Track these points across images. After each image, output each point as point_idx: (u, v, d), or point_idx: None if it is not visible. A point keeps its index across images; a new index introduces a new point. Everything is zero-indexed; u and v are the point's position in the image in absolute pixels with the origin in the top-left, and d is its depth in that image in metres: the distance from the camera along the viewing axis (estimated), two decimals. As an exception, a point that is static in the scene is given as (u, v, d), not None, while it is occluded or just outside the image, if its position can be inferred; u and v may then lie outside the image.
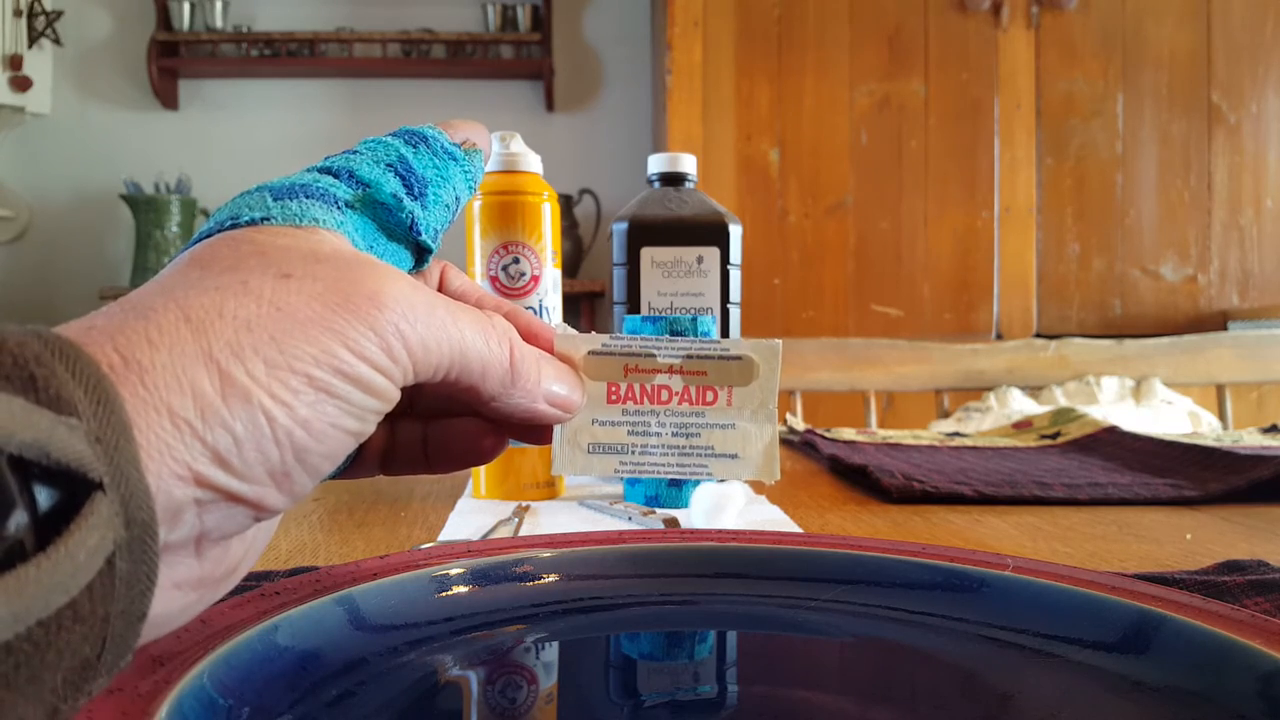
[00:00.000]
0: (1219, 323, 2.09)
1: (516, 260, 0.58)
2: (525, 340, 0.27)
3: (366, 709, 0.25)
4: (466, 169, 0.28)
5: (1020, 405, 1.25)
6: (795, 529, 0.52)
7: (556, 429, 0.29)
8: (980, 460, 0.76)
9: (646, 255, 0.67)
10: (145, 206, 2.56)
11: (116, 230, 2.78)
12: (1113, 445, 0.80)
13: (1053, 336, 1.63)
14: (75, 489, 0.15)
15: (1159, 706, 0.26)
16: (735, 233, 0.68)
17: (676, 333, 0.55)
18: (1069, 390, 1.30)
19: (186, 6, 2.70)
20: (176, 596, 0.20)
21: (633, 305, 0.67)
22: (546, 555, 0.35)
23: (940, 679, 0.30)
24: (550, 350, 0.29)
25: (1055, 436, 0.88)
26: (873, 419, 1.29)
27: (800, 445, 0.88)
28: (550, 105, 2.79)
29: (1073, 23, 2.10)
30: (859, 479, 0.68)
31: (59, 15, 2.67)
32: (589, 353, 0.29)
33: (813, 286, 2.12)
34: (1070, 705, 0.27)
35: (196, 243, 0.23)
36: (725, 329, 0.68)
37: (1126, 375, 1.31)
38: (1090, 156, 2.12)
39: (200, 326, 0.19)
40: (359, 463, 0.28)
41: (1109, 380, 1.29)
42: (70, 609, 0.14)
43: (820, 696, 0.29)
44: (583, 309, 2.64)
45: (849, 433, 0.94)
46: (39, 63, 2.67)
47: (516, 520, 0.51)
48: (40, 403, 0.15)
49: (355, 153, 0.27)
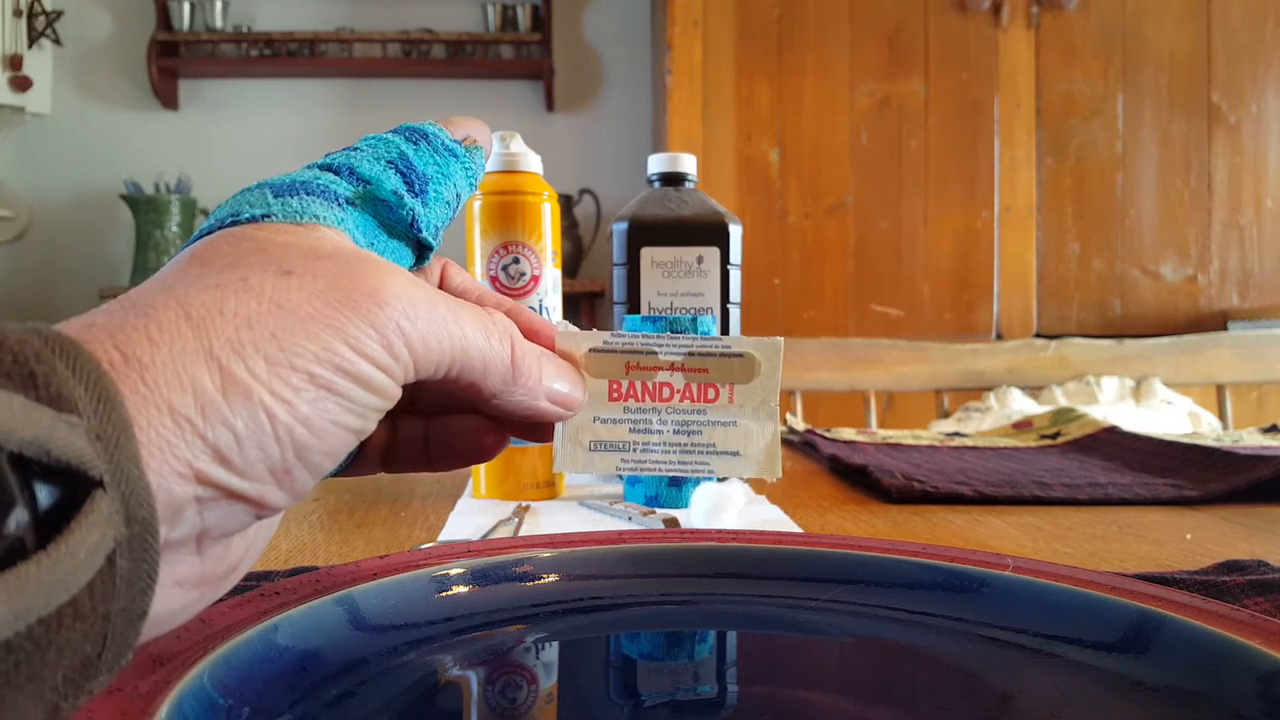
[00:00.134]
0: (1219, 323, 2.09)
1: (516, 260, 0.58)
2: (526, 337, 0.27)
3: (366, 709, 0.25)
4: (467, 166, 0.28)
5: (1020, 405, 1.25)
6: (795, 529, 0.52)
7: (558, 427, 0.29)
8: (980, 460, 0.76)
9: (646, 255, 0.67)
10: (145, 206, 2.56)
11: (116, 230, 2.79)
12: (1113, 445, 0.80)
13: (1053, 336, 1.63)
14: (76, 487, 0.15)
15: (1159, 706, 0.26)
16: (735, 233, 0.68)
17: (676, 332, 0.55)
18: (1069, 390, 1.30)
19: (186, 6, 2.70)
20: (177, 594, 0.20)
21: (633, 305, 0.67)
22: (546, 555, 0.35)
23: (940, 679, 0.30)
24: (552, 347, 0.29)
25: (1055, 436, 0.88)
26: (873, 419, 1.29)
27: (800, 445, 0.88)
28: (550, 105, 2.79)
29: (1073, 23, 2.10)
30: (859, 479, 0.68)
31: (59, 15, 2.67)
32: (590, 350, 0.29)
33: (813, 286, 2.12)
34: (1070, 705, 0.27)
35: (197, 240, 0.23)
36: (725, 329, 0.68)
37: (1126, 375, 1.31)
38: (1090, 156, 2.12)
39: (201, 324, 0.19)
40: (360, 460, 0.28)
41: (1109, 380, 1.29)
42: (71, 607, 0.14)
43: (820, 696, 0.29)
44: (583, 309, 2.64)
45: (849, 433, 0.94)
46: (39, 63, 2.67)
47: (516, 520, 0.51)
48: (41, 400, 0.15)
49: (356, 149, 0.27)
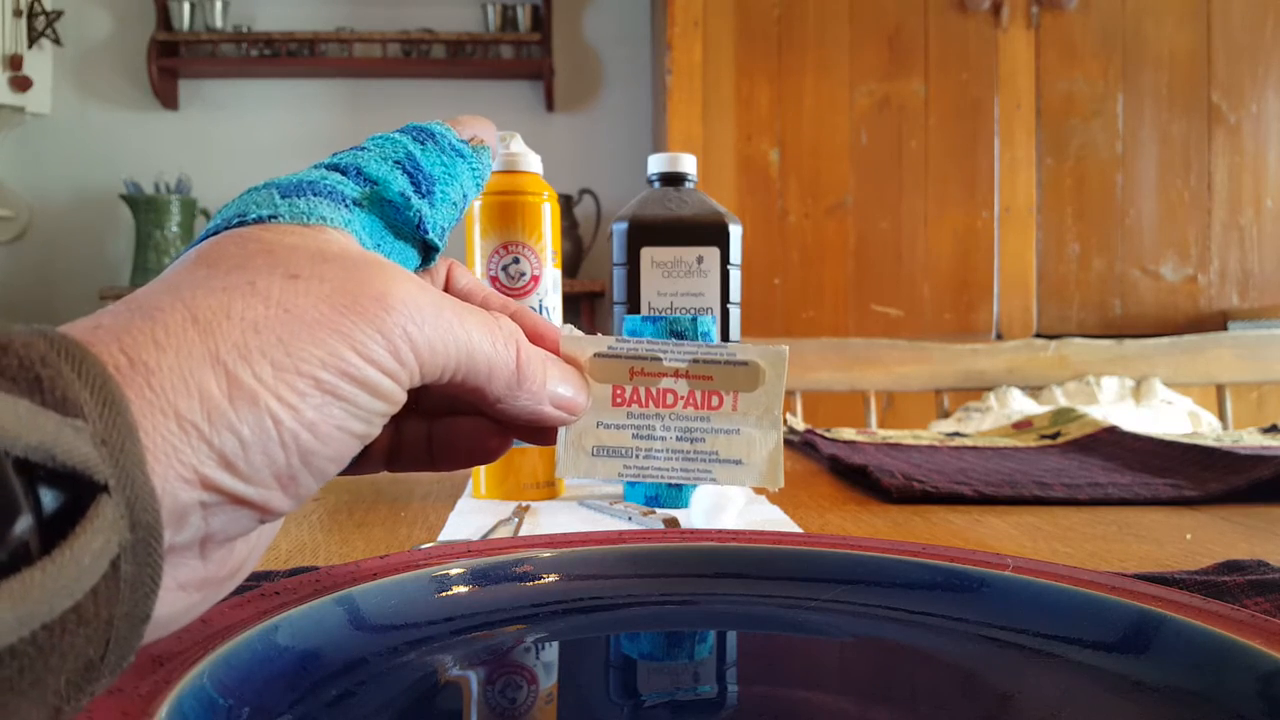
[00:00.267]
0: (1219, 323, 2.09)
1: (516, 260, 0.58)
2: (531, 341, 0.27)
3: (366, 709, 0.25)
4: (474, 166, 0.28)
5: (1020, 405, 1.25)
6: (795, 529, 0.52)
7: (561, 431, 0.29)
8: (980, 460, 0.76)
9: (646, 255, 0.67)
10: (145, 206, 2.56)
11: (116, 230, 2.78)
12: (1113, 445, 0.80)
13: (1053, 336, 1.63)
14: (80, 491, 0.15)
15: (1159, 706, 0.26)
16: (735, 233, 0.68)
17: (676, 333, 0.55)
18: (1069, 390, 1.30)
19: (186, 6, 2.70)
20: (180, 597, 0.20)
21: (633, 305, 0.67)
22: (546, 555, 0.35)
23: (940, 679, 0.30)
24: (556, 351, 0.28)
25: (1055, 436, 0.88)
26: (873, 419, 1.29)
27: (800, 445, 0.88)
28: (550, 105, 2.79)
29: (1073, 23, 2.10)
30: (859, 479, 0.68)
31: (59, 15, 2.67)
32: (595, 355, 0.29)
33: (813, 286, 2.12)
34: (1070, 705, 0.27)
35: (204, 239, 0.23)
36: (725, 329, 0.68)
37: (1126, 375, 1.31)
38: (1090, 156, 2.12)
39: (207, 328, 0.19)
40: (364, 460, 0.28)
41: (1109, 380, 1.29)
42: (74, 612, 0.14)
43: (820, 696, 0.29)
44: (583, 309, 2.64)
45: (849, 433, 0.94)
46: (39, 63, 2.67)
47: (516, 520, 0.51)
48: (46, 404, 0.15)
49: (363, 149, 0.26)
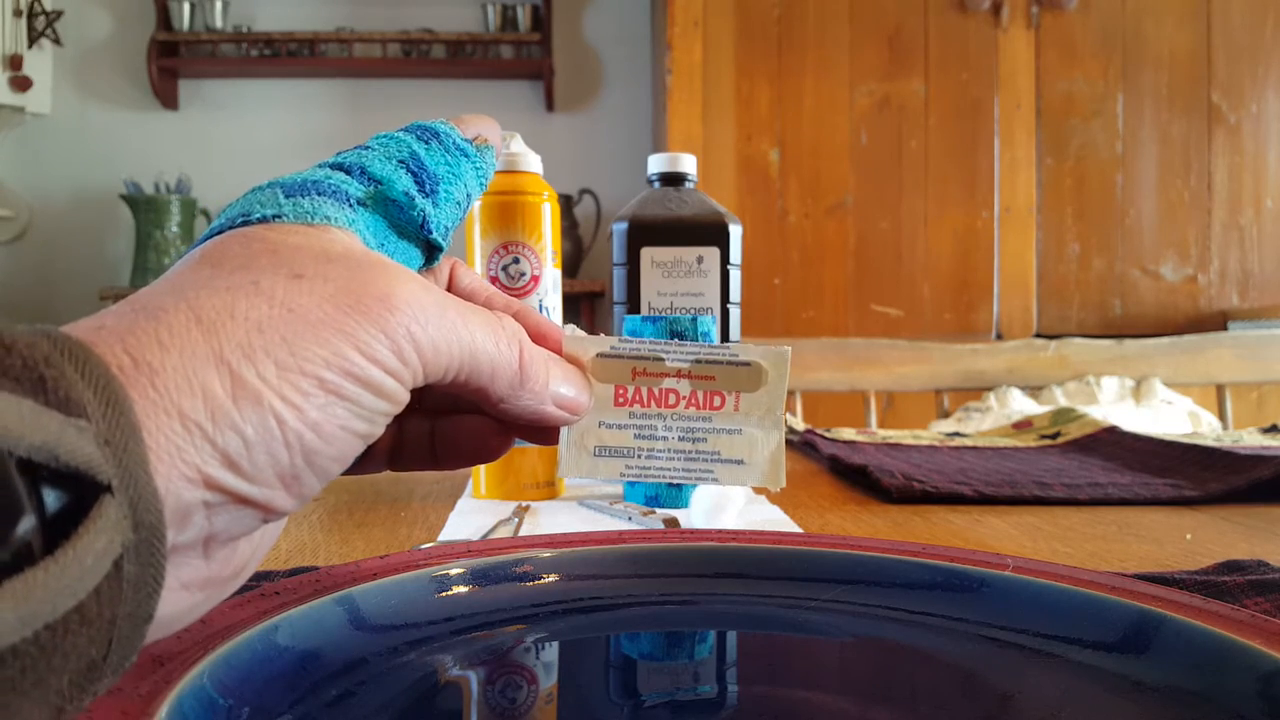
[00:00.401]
0: (1219, 323, 2.09)
1: (516, 260, 0.58)
2: (534, 340, 0.27)
3: (366, 709, 0.25)
4: (478, 165, 0.28)
5: (1020, 405, 1.25)
6: (795, 529, 0.52)
7: (563, 431, 0.29)
8: (980, 460, 0.76)
9: (646, 255, 0.67)
10: (145, 206, 2.56)
11: (116, 230, 2.78)
12: (1113, 445, 0.80)
13: (1053, 336, 1.63)
14: (84, 491, 0.15)
15: (1159, 706, 0.26)
16: (735, 233, 0.68)
17: (676, 332, 0.55)
18: (1069, 390, 1.30)
19: (186, 6, 2.70)
20: (183, 597, 0.20)
21: (633, 305, 0.67)
22: (546, 555, 0.35)
23: (940, 679, 0.30)
24: (559, 351, 0.29)
25: (1055, 436, 0.88)
26: (873, 419, 1.29)
27: (800, 445, 0.88)
28: (550, 105, 2.79)
29: (1073, 23, 2.10)
30: (859, 479, 0.68)
31: (59, 15, 2.67)
32: (597, 355, 0.29)
33: (813, 286, 2.12)
34: (1070, 705, 0.27)
35: (208, 238, 0.23)
36: (725, 329, 0.68)
37: (1126, 375, 1.31)
38: (1090, 156, 2.12)
39: (211, 328, 0.19)
40: (367, 459, 0.28)
41: (1109, 380, 1.29)
42: (77, 612, 0.14)
43: (820, 696, 0.29)
44: (583, 309, 2.64)
45: (849, 433, 0.94)
46: (39, 63, 2.67)
47: (516, 520, 0.52)
48: (49, 404, 0.15)
49: (367, 148, 0.26)
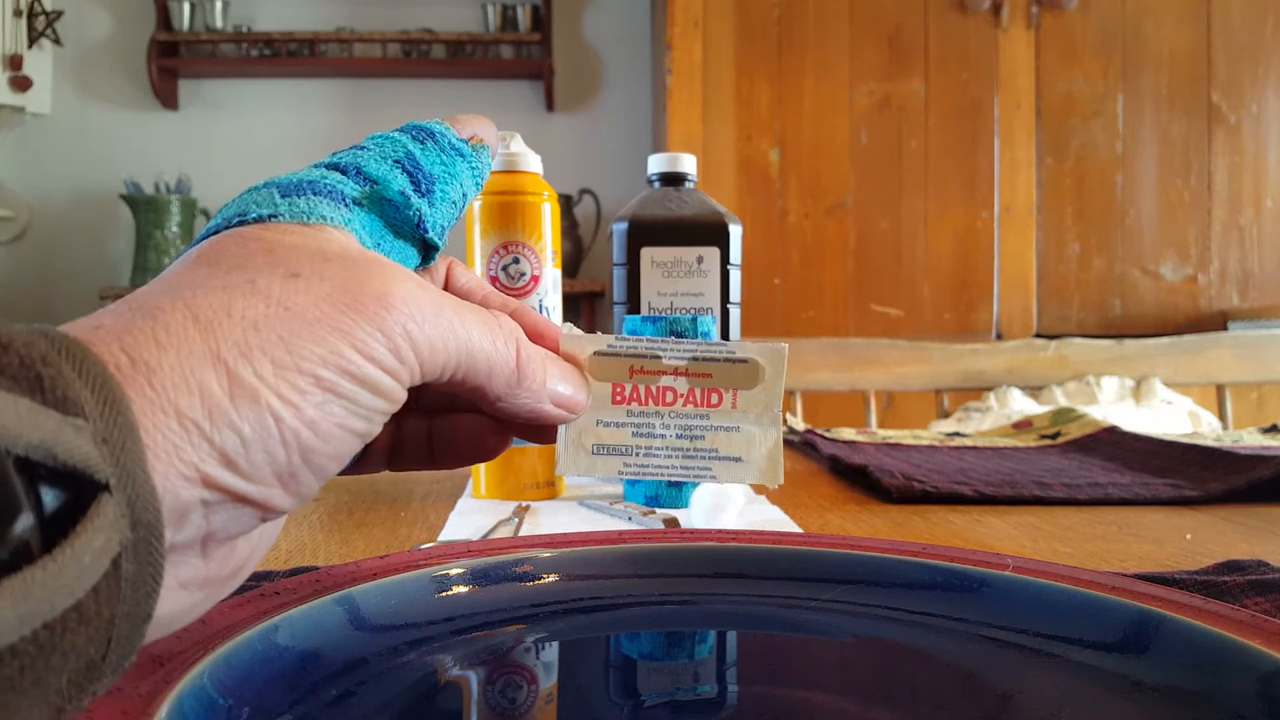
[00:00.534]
0: (1219, 323, 2.09)
1: (516, 260, 0.58)
2: (531, 339, 0.27)
3: (366, 709, 0.25)
4: (474, 165, 0.28)
5: (1020, 405, 1.25)
6: (795, 529, 0.52)
7: (561, 429, 0.29)
8: (980, 460, 0.76)
9: (646, 255, 0.67)
10: (145, 206, 2.56)
11: (116, 230, 2.78)
12: (1113, 445, 0.80)
13: (1053, 336, 1.63)
14: (81, 490, 0.15)
15: (1159, 706, 0.26)
16: (735, 233, 0.68)
17: (676, 333, 0.55)
18: (1069, 390, 1.30)
19: (186, 6, 2.70)
20: (182, 596, 0.20)
21: (633, 305, 0.67)
22: (546, 555, 0.35)
23: (940, 679, 0.30)
24: (556, 350, 0.29)
25: (1055, 436, 0.88)
26: (873, 419, 1.29)
27: (800, 445, 0.88)
28: (550, 105, 2.79)
29: (1073, 23, 2.10)
30: (859, 479, 0.68)
31: (59, 15, 2.67)
32: (595, 353, 0.29)
33: (813, 286, 2.12)
34: (1070, 705, 0.27)
35: (204, 239, 0.23)
36: (725, 329, 0.68)
37: (1126, 375, 1.31)
38: (1090, 156, 2.12)
39: (208, 326, 0.19)
40: (365, 459, 0.28)
41: (1109, 380, 1.29)
42: (76, 611, 0.14)
43: (820, 696, 0.29)
44: (583, 309, 2.64)
45: (849, 433, 0.94)
46: (39, 63, 2.67)
47: (516, 520, 0.51)
48: (47, 403, 0.15)
49: (363, 149, 0.27)
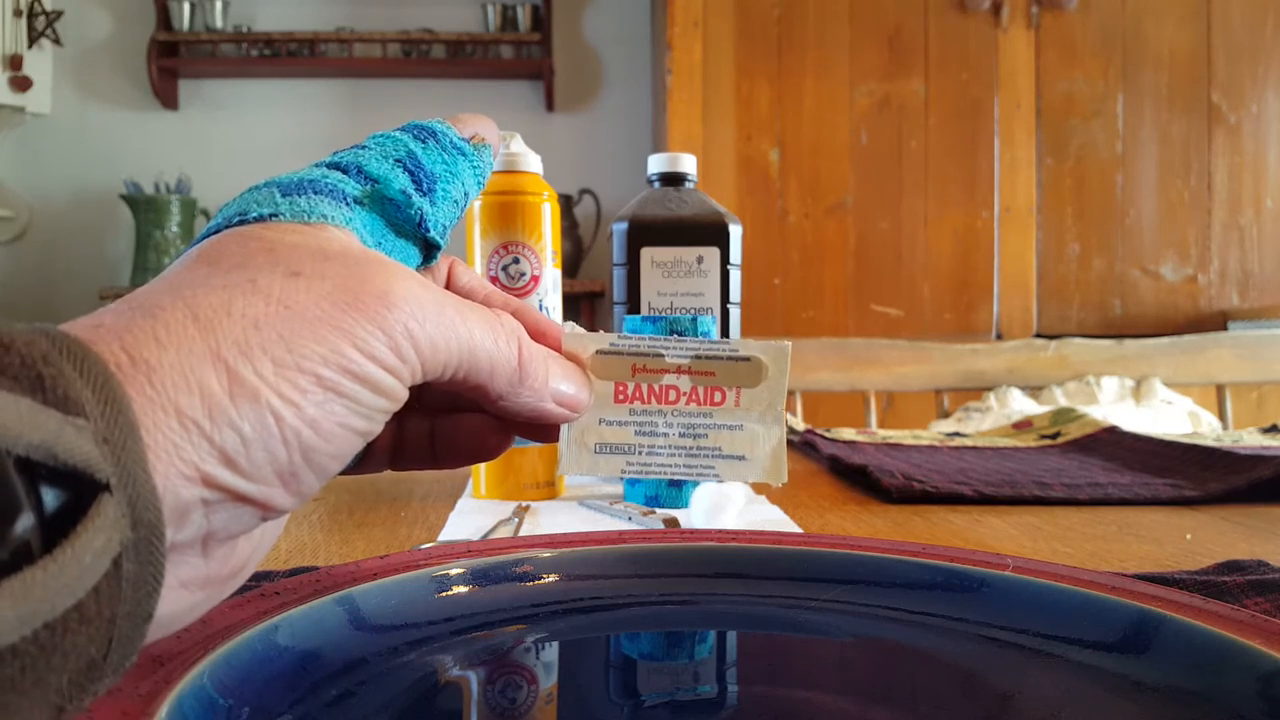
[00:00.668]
0: (1219, 323, 2.09)
1: (516, 260, 0.58)
2: (533, 338, 0.27)
3: (366, 709, 0.25)
4: (475, 164, 0.28)
5: (1020, 405, 1.25)
6: (795, 529, 0.52)
7: (563, 428, 0.29)
8: (980, 460, 0.76)
9: (646, 255, 0.67)
10: (145, 206, 2.56)
11: (116, 230, 2.78)
12: (1113, 445, 0.80)
13: (1053, 336, 1.63)
14: (82, 490, 0.15)
15: (1159, 706, 0.26)
16: (735, 233, 0.68)
17: (676, 333, 0.55)
18: (1069, 390, 1.30)
19: (186, 6, 2.70)
20: (183, 596, 0.20)
21: (633, 305, 0.67)
22: (546, 555, 0.35)
23: (940, 679, 0.30)
24: (558, 348, 0.29)
25: (1055, 436, 0.88)
26: (873, 419, 1.29)
27: (800, 445, 0.88)
28: (550, 105, 2.79)
29: (1073, 23, 2.10)
30: (859, 479, 0.68)
31: (59, 15, 2.67)
32: (597, 352, 0.29)
33: (813, 286, 2.12)
34: (1070, 705, 0.27)
35: (204, 238, 0.23)
36: (725, 329, 0.68)
37: (1126, 375, 1.31)
38: (1090, 156, 2.12)
39: (208, 325, 0.19)
40: (367, 458, 0.28)
41: (1109, 380, 1.29)
42: (76, 611, 0.14)
43: (820, 696, 0.29)
44: (583, 309, 2.64)
45: (849, 433, 0.94)
46: (39, 63, 2.67)
47: (516, 520, 0.51)
48: (48, 403, 0.15)
49: (364, 148, 0.27)
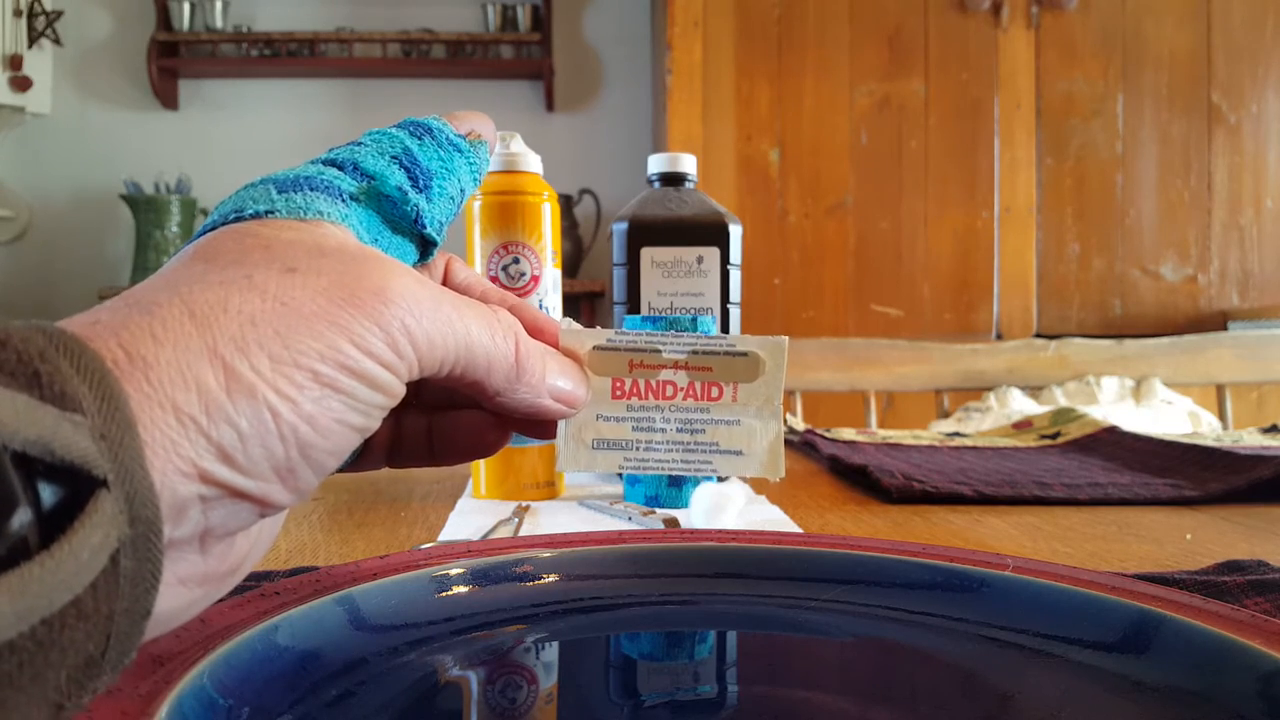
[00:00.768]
0: (1219, 323, 2.09)
1: (516, 260, 0.58)
2: (531, 334, 0.27)
3: (366, 709, 0.25)
4: (471, 161, 0.28)
5: (1020, 405, 1.25)
6: (795, 529, 0.52)
7: (561, 424, 0.29)
8: (980, 460, 0.76)
9: (646, 255, 0.67)
10: (145, 206, 2.56)
11: (116, 230, 2.78)
12: (1113, 445, 0.80)
13: (1053, 336, 1.63)
14: (79, 486, 0.15)
15: (1159, 706, 0.26)
16: (735, 233, 0.68)
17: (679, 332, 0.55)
18: (1069, 390, 1.30)
19: (186, 6, 2.70)
20: (181, 592, 0.20)
21: (633, 305, 0.67)
22: (546, 555, 0.35)
23: (940, 679, 0.30)
24: (555, 345, 0.29)
25: (1055, 436, 0.88)
26: (873, 419, 1.29)
27: (800, 445, 0.88)
28: (550, 105, 2.79)
29: (1073, 23, 2.10)
30: (859, 479, 0.68)
31: (59, 15, 2.67)
32: (594, 348, 0.29)
33: (813, 286, 2.12)
34: (1070, 705, 0.27)
35: (201, 235, 0.23)
36: (725, 329, 0.68)
37: (1126, 375, 1.31)
38: (1090, 156, 2.12)
39: (205, 321, 0.19)
40: (365, 456, 0.28)
41: (1109, 380, 1.29)
42: (74, 607, 0.14)
43: (820, 696, 0.29)
44: (583, 309, 2.64)
45: (849, 433, 0.94)
46: (39, 63, 2.67)
47: (516, 520, 0.51)
48: (45, 399, 0.15)
49: (360, 144, 0.27)
